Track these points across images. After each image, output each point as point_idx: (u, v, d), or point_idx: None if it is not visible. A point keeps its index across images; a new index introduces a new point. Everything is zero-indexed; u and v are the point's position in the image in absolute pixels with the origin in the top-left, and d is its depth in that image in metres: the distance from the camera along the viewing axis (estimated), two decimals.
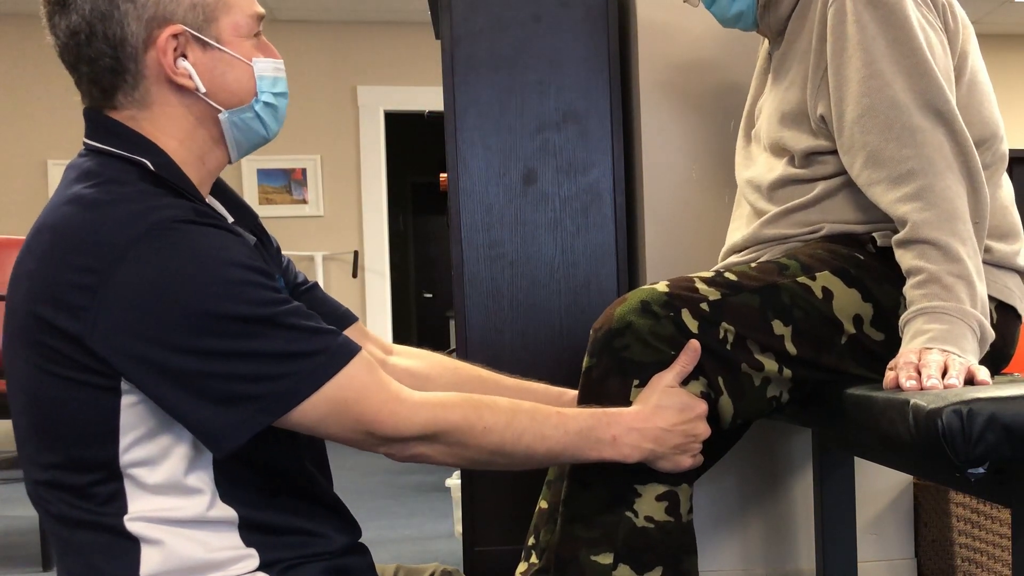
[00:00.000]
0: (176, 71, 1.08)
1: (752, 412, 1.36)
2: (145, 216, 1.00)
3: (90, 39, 1.06)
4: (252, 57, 1.12)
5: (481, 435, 1.10)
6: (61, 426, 1.03)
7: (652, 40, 2.01)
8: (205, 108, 1.11)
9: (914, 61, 1.35)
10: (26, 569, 2.75)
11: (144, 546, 1.04)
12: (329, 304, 1.34)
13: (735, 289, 1.34)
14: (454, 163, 2.04)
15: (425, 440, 1.08)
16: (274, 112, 1.16)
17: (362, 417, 1.04)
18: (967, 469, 1.04)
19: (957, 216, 1.29)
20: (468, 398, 1.12)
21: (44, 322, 1.00)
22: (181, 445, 1.04)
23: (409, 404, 1.07)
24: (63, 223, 1.02)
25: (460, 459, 1.13)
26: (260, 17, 1.14)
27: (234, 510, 1.07)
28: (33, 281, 1.02)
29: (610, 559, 1.25)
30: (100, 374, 1.00)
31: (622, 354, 1.28)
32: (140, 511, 1.04)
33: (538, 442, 1.13)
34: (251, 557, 1.07)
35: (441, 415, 1.08)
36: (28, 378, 1.04)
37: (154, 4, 1.06)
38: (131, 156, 1.07)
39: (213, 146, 1.14)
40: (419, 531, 3.12)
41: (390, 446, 1.08)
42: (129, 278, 0.97)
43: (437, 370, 1.41)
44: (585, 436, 1.16)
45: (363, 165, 6.07)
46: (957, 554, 2.03)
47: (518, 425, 1.11)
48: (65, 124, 5.59)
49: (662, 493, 1.27)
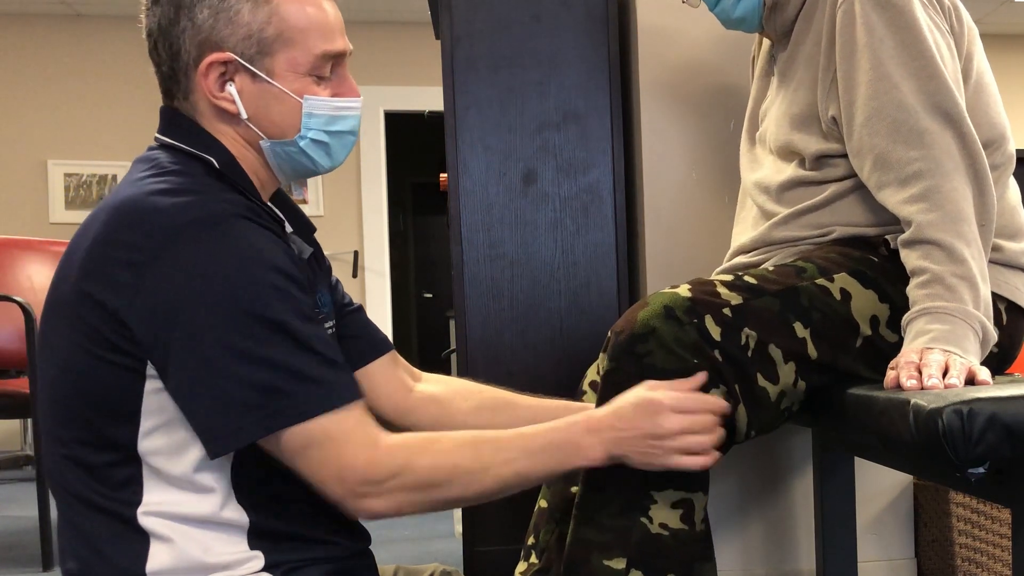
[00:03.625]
0: (218, 95, 1.11)
1: (766, 424, 1.35)
2: (201, 205, 1.03)
3: (156, 44, 1.12)
4: (305, 94, 1.13)
5: (450, 475, 1.08)
6: (87, 401, 1.04)
7: (652, 40, 2.01)
8: (249, 132, 1.14)
9: (922, 63, 1.35)
10: (26, 569, 2.75)
11: (153, 541, 1.04)
12: (370, 329, 1.37)
13: (756, 293, 1.34)
14: (454, 163, 2.04)
15: (393, 488, 1.06)
16: (326, 149, 1.17)
17: (341, 459, 1.03)
18: (967, 469, 1.04)
19: (962, 218, 1.29)
20: (433, 439, 1.10)
21: (87, 296, 1.02)
22: (198, 443, 1.04)
23: (384, 448, 1.06)
24: (122, 204, 1.05)
25: (433, 503, 1.10)
26: (332, 55, 1.14)
27: (246, 514, 1.08)
28: (86, 257, 1.04)
29: (623, 564, 1.25)
30: (129, 354, 1.02)
31: (644, 360, 1.27)
32: (154, 503, 1.05)
33: (504, 467, 1.11)
34: (256, 559, 1.08)
35: (412, 460, 1.06)
36: (62, 352, 1.05)
37: (209, 28, 1.09)
38: (197, 152, 1.11)
39: (263, 165, 1.17)
40: (419, 531, 3.12)
41: (357, 498, 1.05)
42: (175, 261, 1.00)
43: (461, 394, 1.42)
44: (549, 451, 1.13)
45: (363, 165, 6.07)
46: (957, 554, 2.03)
47: (484, 456, 1.10)
48: (65, 124, 5.59)
49: (678, 500, 1.26)
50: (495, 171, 2.05)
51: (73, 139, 5.59)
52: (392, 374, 1.38)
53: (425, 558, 2.66)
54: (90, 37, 5.57)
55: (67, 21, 5.64)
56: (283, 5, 1.11)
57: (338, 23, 1.16)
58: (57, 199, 5.62)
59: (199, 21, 1.09)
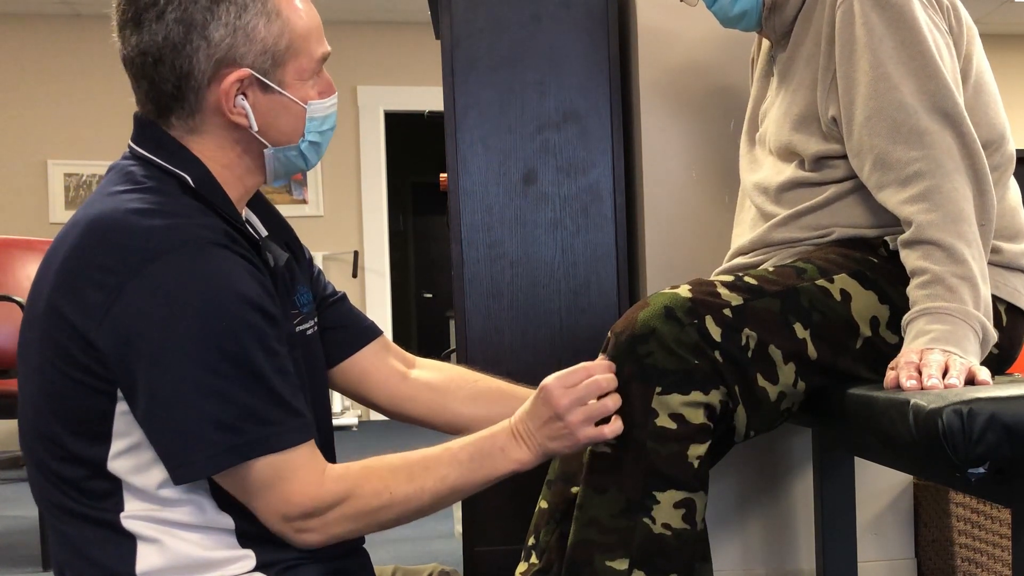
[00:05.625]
0: (233, 110, 1.10)
1: (765, 424, 1.35)
2: (177, 231, 1.02)
3: (157, 64, 1.08)
4: (308, 100, 1.14)
5: (388, 500, 1.09)
6: (61, 419, 1.04)
7: (652, 40, 2.01)
8: (252, 142, 1.14)
9: (922, 63, 1.35)
10: (26, 569, 2.75)
11: (140, 543, 1.05)
12: (355, 316, 1.36)
13: (756, 293, 1.34)
14: (454, 163, 2.04)
15: (336, 517, 1.07)
16: (317, 148, 1.19)
17: (285, 497, 1.05)
18: (967, 469, 1.04)
19: (963, 218, 1.29)
20: (369, 468, 1.11)
21: (59, 314, 1.02)
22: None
23: (330, 477, 1.07)
24: (98, 221, 1.04)
25: (373, 526, 1.12)
26: (326, 57, 1.16)
27: (232, 518, 1.08)
28: (59, 273, 1.03)
29: (625, 565, 1.25)
30: (98, 376, 1.01)
31: (645, 361, 1.27)
32: (136, 511, 1.05)
33: (440, 483, 1.12)
34: (248, 558, 1.08)
35: (356, 490, 1.08)
36: (37, 368, 1.06)
37: (228, 46, 1.08)
38: (172, 169, 1.09)
39: (254, 170, 1.17)
40: (419, 531, 3.11)
41: (299, 533, 1.07)
42: (146, 286, 0.99)
43: (457, 382, 1.41)
44: (478, 459, 1.15)
45: (363, 165, 6.07)
46: (957, 554, 2.03)
47: (418, 478, 1.11)
48: (65, 124, 5.59)
49: (680, 500, 1.26)
50: (495, 171, 2.05)
51: (73, 139, 5.59)
52: (383, 361, 1.37)
53: (425, 558, 2.66)
54: (90, 37, 5.57)
55: (67, 21, 5.65)
56: (289, 15, 1.11)
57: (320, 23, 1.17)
58: (57, 199, 5.62)
59: (215, 40, 1.07)
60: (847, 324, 1.36)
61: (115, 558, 1.04)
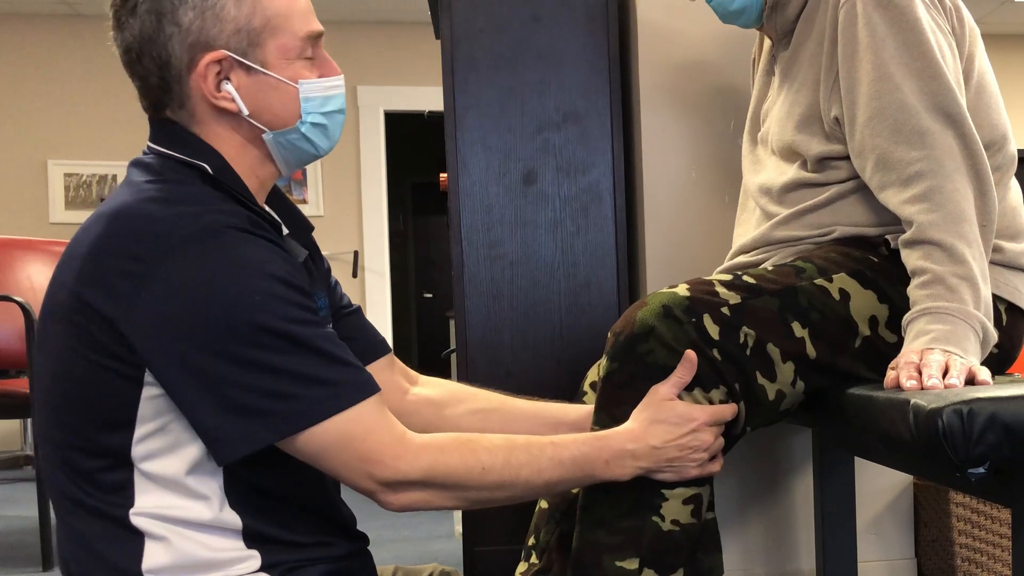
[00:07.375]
0: (217, 95, 1.10)
1: (763, 421, 1.36)
2: (201, 217, 1.03)
3: (140, 57, 1.10)
4: (299, 79, 1.13)
5: (479, 477, 1.10)
6: (82, 407, 1.04)
7: (652, 40, 2.01)
8: (251, 128, 1.13)
9: (924, 63, 1.35)
10: (26, 569, 2.75)
11: (148, 541, 1.05)
12: (367, 331, 1.37)
13: (755, 292, 1.34)
14: (454, 163, 2.04)
15: (423, 485, 1.08)
16: (324, 131, 1.17)
17: (367, 456, 1.05)
18: (967, 469, 1.04)
19: (964, 218, 1.29)
20: (466, 441, 1.12)
21: (85, 303, 1.02)
22: (192, 447, 1.05)
23: (413, 448, 1.07)
24: (122, 211, 1.05)
25: (460, 501, 1.14)
26: (314, 36, 1.15)
27: (240, 518, 1.08)
28: (84, 263, 1.04)
29: (635, 564, 1.25)
30: (126, 362, 1.02)
31: (647, 359, 1.27)
32: (146, 506, 1.05)
33: (535, 476, 1.14)
34: (253, 558, 1.08)
35: (441, 460, 1.09)
36: (58, 357, 1.05)
37: (198, 29, 1.08)
38: (191, 160, 1.10)
39: (264, 161, 1.16)
40: (419, 531, 3.12)
41: (387, 491, 1.07)
42: (174, 273, 1.00)
43: (457, 397, 1.42)
44: (579, 464, 1.17)
45: (363, 165, 6.06)
46: (957, 554, 2.03)
47: (515, 462, 1.12)
48: (65, 124, 5.59)
49: (689, 496, 1.27)
50: (495, 171, 2.05)
51: (73, 139, 5.59)
52: (388, 377, 1.37)
53: (425, 558, 2.66)
54: (90, 37, 5.56)
55: (67, 21, 5.64)
56: None
57: (311, 4, 1.17)
58: (57, 199, 5.62)
59: (185, 24, 1.07)
60: (846, 323, 1.36)
61: (122, 554, 1.04)
